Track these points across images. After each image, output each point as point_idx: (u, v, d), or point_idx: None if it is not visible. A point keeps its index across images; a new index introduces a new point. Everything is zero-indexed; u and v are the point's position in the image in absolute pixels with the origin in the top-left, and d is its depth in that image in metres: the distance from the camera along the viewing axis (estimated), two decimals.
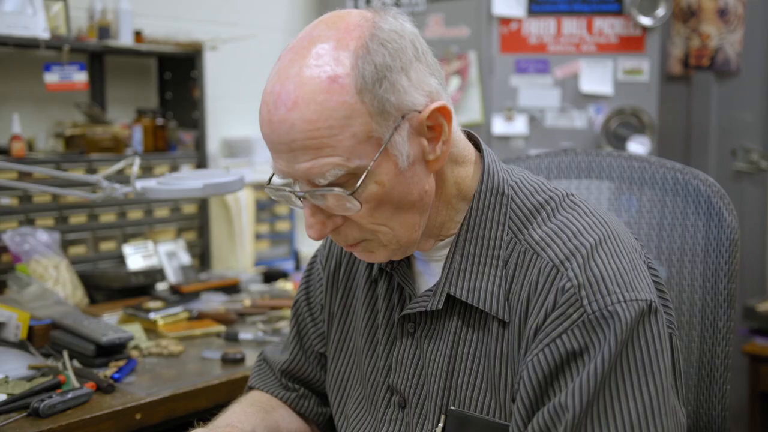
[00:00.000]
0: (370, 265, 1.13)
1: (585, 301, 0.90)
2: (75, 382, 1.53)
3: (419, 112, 0.93)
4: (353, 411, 1.13)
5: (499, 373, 0.97)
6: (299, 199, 0.95)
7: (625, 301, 0.90)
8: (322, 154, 0.89)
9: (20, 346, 1.74)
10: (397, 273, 1.07)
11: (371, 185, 0.92)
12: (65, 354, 1.68)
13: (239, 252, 2.69)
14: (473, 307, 1.00)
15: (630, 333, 0.89)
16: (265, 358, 1.29)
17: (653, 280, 0.98)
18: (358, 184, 0.91)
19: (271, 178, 1.00)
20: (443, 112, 0.94)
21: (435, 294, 1.02)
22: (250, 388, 1.27)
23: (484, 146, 1.05)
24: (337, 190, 0.91)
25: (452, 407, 1.00)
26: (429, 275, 1.06)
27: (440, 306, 1.01)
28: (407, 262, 1.08)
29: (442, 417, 1.00)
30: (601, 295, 0.91)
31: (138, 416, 1.48)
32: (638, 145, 2.71)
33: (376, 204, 0.93)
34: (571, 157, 1.39)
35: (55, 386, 1.49)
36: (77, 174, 1.57)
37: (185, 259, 2.55)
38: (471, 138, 1.06)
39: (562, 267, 0.93)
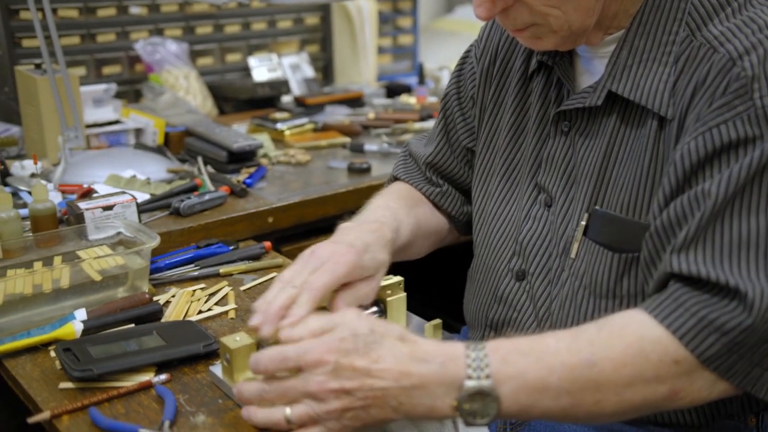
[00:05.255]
0: (527, 60, 1.08)
1: (756, 95, 0.82)
2: (210, 186, 1.60)
3: None
4: (494, 208, 1.12)
5: (653, 174, 0.91)
6: None
7: None
8: None
9: (158, 151, 1.83)
10: (558, 67, 1.02)
11: None
12: (200, 159, 1.75)
13: (362, 66, 2.66)
14: (634, 104, 0.93)
15: None
16: (410, 151, 1.25)
17: None
18: None
19: None
20: None
21: (595, 90, 0.96)
22: (395, 178, 1.25)
23: None
24: None
25: (596, 207, 0.97)
26: (591, 73, 1.00)
27: (599, 103, 0.95)
28: (569, 58, 1.02)
29: (585, 215, 0.98)
30: None
31: (270, 219, 1.54)
32: None
33: None
34: None
35: (192, 189, 1.56)
36: None
37: (309, 72, 2.55)
38: None
39: (739, 60, 0.84)
